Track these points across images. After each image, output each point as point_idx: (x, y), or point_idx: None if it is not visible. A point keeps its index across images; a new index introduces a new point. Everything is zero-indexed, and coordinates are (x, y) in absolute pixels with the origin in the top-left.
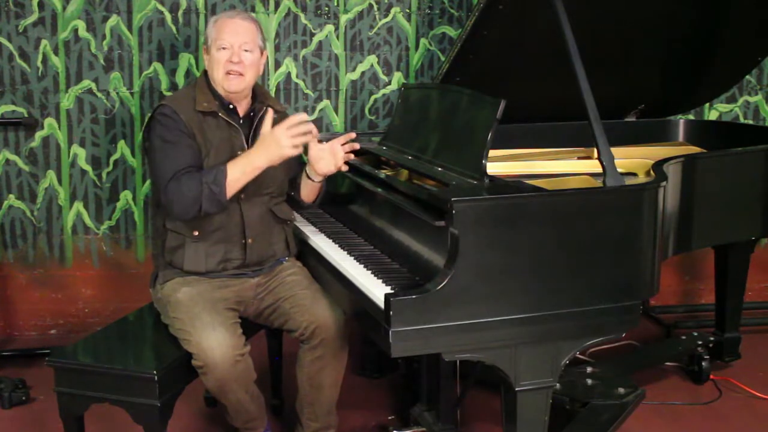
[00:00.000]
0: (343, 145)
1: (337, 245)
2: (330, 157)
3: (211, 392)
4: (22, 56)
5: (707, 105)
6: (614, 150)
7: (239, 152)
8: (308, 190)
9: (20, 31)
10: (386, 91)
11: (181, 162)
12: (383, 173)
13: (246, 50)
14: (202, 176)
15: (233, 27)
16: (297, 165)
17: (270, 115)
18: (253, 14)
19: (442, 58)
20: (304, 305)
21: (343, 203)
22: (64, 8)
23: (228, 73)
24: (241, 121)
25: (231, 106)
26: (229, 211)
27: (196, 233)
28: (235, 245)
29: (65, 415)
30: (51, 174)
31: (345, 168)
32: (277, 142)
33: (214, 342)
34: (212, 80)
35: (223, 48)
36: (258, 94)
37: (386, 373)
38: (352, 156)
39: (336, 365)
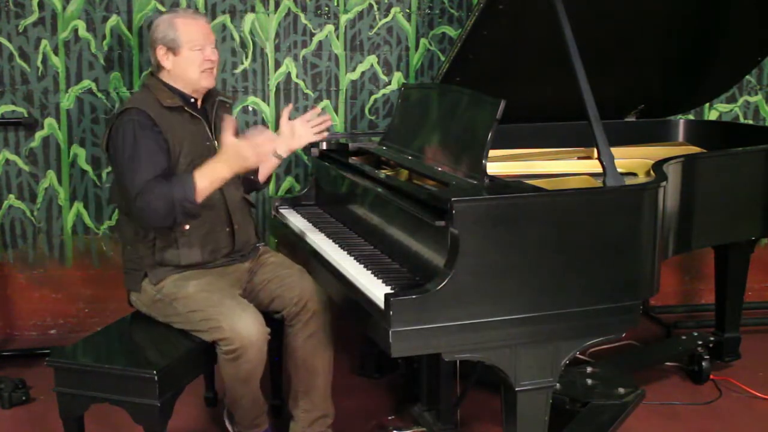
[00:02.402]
0: (310, 121)
1: (337, 245)
2: (304, 131)
3: (234, 383)
4: (22, 56)
5: (707, 105)
6: (614, 150)
7: (206, 143)
8: (267, 169)
9: (20, 31)
10: (386, 91)
11: (150, 171)
12: (383, 173)
13: (214, 48)
14: (172, 190)
15: (201, 28)
16: None
17: (231, 124)
18: (253, 14)
19: (442, 58)
20: (291, 283)
21: (343, 203)
22: (64, 8)
23: (205, 71)
24: (200, 114)
25: (192, 100)
26: (213, 200)
27: (187, 227)
28: (223, 233)
29: (65, 415)
30: (51, 174)
31: (321, 137)
32: (240, 154)
33: (249, 321)
34: (183, 79)
35: (198, 49)
36: None
37: (386, 373)
38: (324, 134)
39: (327, 344)
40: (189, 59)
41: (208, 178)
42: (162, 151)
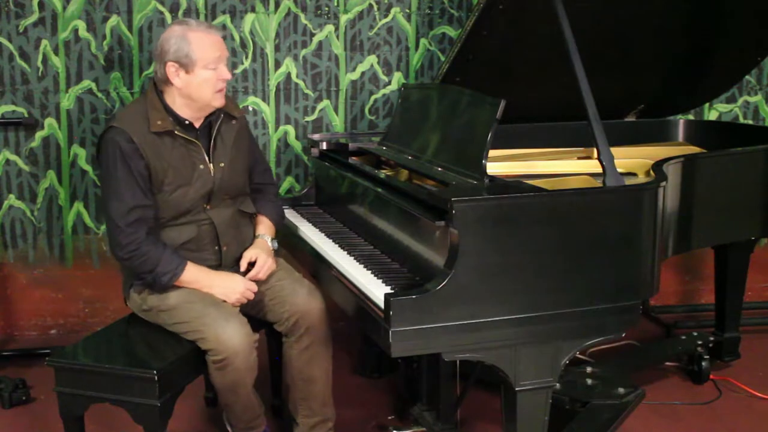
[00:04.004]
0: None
1: (337, 245)
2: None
3: (223, 390)
4: (23, 56)
5: (707, 105)
6: (614, 150)
7: (201, 166)
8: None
9: (20, 31)
10: (386, 91)
11: (130, 200)
12: (383, 173)
13: (225, 64)
14: (159, 261)
15: (217, 44)
16: (253, 155)
17: (257, 262)
18: (253, 14)
19: (442, 58)
20: (283, 297)
21: (343, 203)
22: (65, 8)
23: (218, 90)
24: (198, 133)
25: (187, 123)
26: (199, 223)
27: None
28: (209, 252)
29: (65, 415)
30: (51, 174)
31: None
32: (232, 288)
33: (232, 331)
34: (192, 99)
35: (213, 68)
36: None
37: (386, 373)
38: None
39: (324, 354)
40: (203, 78)
41: (193, 279)
42: (141, 180)
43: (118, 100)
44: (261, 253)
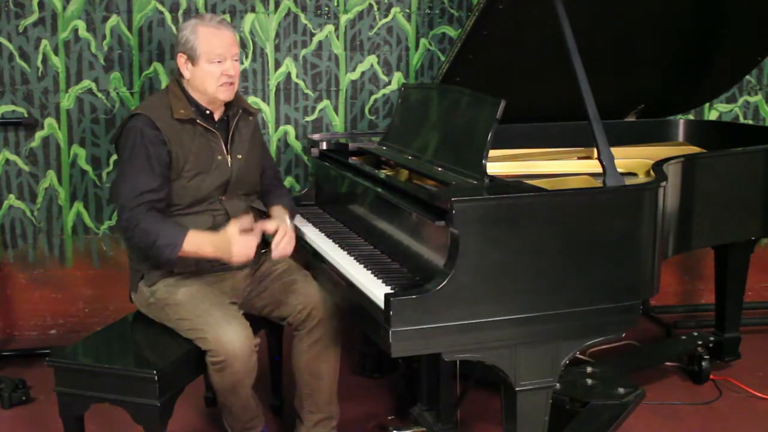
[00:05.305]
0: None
1: (337, 245)
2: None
3: (222, 391)
4: (22, 56)
5: (707, 105)
6: (614, 150)
7: (219, 157)
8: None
9: (20, 31)
10: (386, 91)
11: (142, 185)
12: (383, 173)
13: (236, 60)
14: (159, 234)
15: (223, 39)
16: (265, 158)
17: (245, 222)
18: (253, 14)
19: (442, 58)
20: (296, 289)
21: (343, 203)
22: (64, 8)
23: (223, 84)
24: (217, 125)
25: (208, 112)
26: (214, 213)
27: None
28: None
29: (65, 415)
30: (51, 174)
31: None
32: (228, 247)
33: (233, 335)
34: (200, 91)
35: (218, 61)
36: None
37: (386, 373)
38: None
39: (333, 350)
40: (206, 71)
41: (195, 247)
42: (159, 166)
43: (118, 100)
44: (282, 222)
